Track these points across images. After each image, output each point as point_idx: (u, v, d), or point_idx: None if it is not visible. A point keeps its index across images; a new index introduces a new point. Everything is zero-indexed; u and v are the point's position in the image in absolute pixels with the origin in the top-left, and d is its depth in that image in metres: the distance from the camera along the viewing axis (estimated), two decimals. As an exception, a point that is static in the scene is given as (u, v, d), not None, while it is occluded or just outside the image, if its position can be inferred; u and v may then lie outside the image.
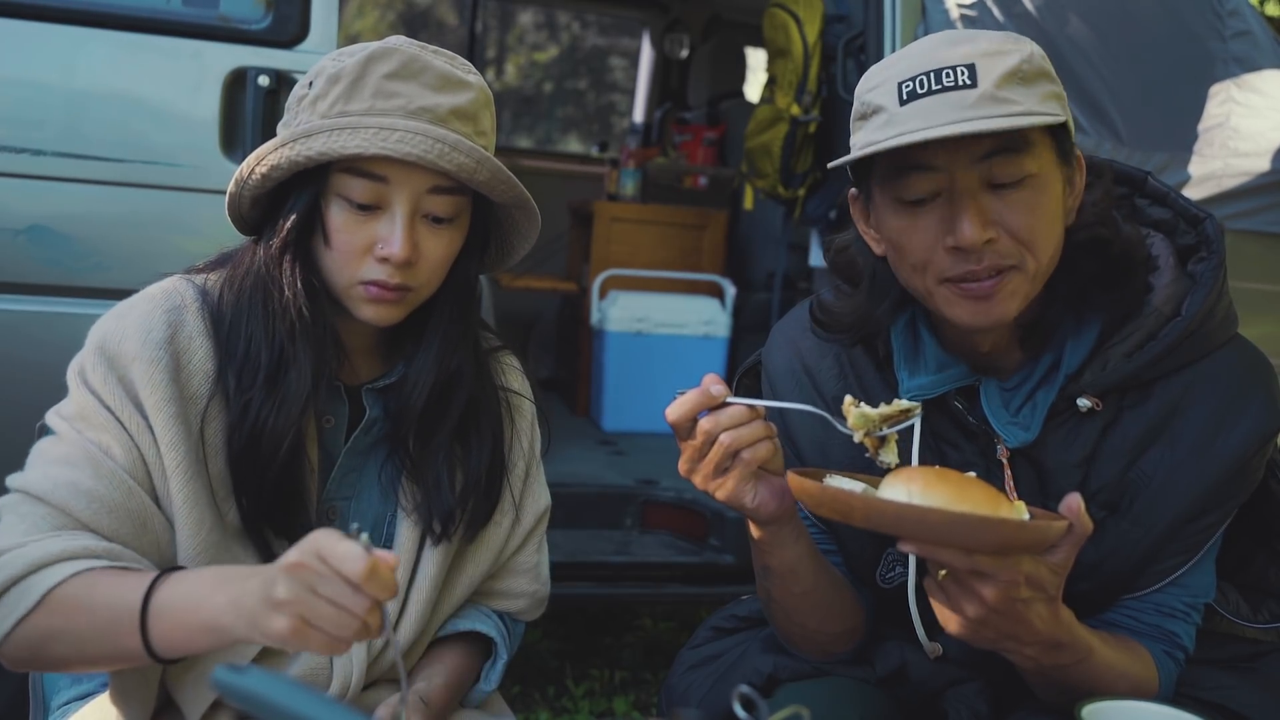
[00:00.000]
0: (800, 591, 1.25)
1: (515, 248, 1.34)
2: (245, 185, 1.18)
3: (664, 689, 1.47)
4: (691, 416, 1.08)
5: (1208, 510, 1.19)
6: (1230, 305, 1.22)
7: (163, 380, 1.14)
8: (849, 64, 2.93)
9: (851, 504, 0.96)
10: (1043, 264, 1.14)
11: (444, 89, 1.17)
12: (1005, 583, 1.00)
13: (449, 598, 1.33)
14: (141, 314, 1.17)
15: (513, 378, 1.41)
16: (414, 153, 1.12)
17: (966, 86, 1.07)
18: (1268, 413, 1.18)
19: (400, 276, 1.17)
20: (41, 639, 1.05)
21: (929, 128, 1.06)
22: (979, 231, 1.09)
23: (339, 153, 1.12)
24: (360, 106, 1.14)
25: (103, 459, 1.13)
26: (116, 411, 1.14)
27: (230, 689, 0.70)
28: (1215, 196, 2.88)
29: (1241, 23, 2.97)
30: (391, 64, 1.15)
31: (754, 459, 1.09)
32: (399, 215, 1.16)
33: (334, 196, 1.17)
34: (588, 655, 3.14)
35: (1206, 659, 1.26)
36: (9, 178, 2.00)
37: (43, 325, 2.01)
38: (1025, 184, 1.11)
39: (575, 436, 3.64)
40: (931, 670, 1.30)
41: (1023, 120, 1.06)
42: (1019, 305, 1.14)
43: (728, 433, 1.07)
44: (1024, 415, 1.21)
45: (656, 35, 5.14)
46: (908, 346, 1.27)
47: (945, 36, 1.14)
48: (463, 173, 1.15)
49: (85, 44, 2.04)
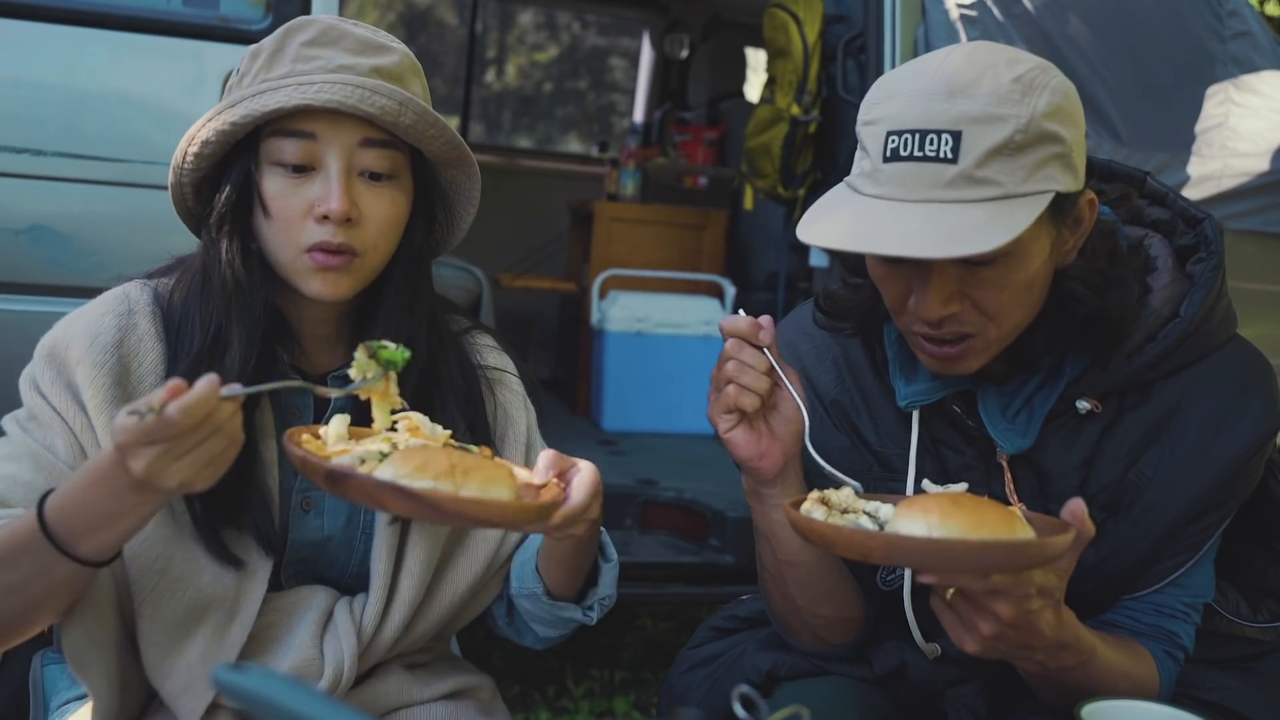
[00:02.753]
0: (786, 560, 1.24)
1: (462, 215, 1.34)
2: (182, 172, 1.19)
3: (664, 689, 1.47)
4: (732, 336, 1.15)
5: (1207, 511, 1.19)
6: (1229, 306, 1.22)
7: (105, 383, 1.16)
8: (849, 64, 2.93)
9: (870, 544, 0.94)
10: (1006, 330, 1.14)
11: (364, 52, 1.19)
12: (1019, 597, 1.00)
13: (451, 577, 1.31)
14: (91, 319, 1.19)
15: (489, 355, 1.40)
16: (334, 99, 1.12)
17: (947, 160, 1.03)
18: (1267, 413, 1.18)
19: (343, 235, 1.16)
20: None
21: (901, 200, 1.05)
22: (939, 308, 1.10)
23: (260, 111, 1.12)
24: (281, 71, 1.16)
25: (44, 454, 1.15)
26: (62, 412, 1.16)
27: (230, 688, 0.70)
28: (1214, 197, 2.89)
29: (1241, 23, 2.97)
30: (310, 32, 1.18)
31: (739, 397, 1.13)
32: (333, 170, 1.16)
33: (267, 166, 1.17)
34: (588, 655, 3.14)
35: (1206, 659, 1.26)
36: (9, 178, 2.00)
37: (43, 325, 2.00)
38: (998, 262, 1.07)
39: (575, 436, 3.64)
40: (931, 670, 1.30)
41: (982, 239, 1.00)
42: (982, 363, 1.16)
43: (735, 362, 1.14)
44: (1021, 421, 1.20)
45: (656, 35, 5.14)
46: (903, 354, 1.27)
47: (952, 73, 1.06)
48: (386, 116, 1.15)
49: (85, 44, 2.04)
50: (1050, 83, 1.07)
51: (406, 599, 1.27)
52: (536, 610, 1.32)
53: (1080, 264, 1.15)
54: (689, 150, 4.64)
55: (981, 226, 1.01)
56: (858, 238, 1.07)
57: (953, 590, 1.04)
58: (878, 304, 1.25)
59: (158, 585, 1.17)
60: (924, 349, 1.16)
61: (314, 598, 1.27)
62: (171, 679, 1.17)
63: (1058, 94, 1.07)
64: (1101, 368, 1.19)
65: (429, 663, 1.40)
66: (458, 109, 5.36)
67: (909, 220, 1.04)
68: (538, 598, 1.29)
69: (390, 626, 1.26)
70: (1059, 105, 1.07)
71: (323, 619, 1.25)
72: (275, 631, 1.23)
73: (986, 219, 1.02)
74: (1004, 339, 1.15)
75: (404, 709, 1.31)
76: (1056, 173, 1.06)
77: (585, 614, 1.32)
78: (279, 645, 1.23)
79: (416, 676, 1.34)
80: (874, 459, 1.31)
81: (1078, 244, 1.15)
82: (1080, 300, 1.15)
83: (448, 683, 1.36)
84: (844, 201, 1.11)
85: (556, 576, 1.27)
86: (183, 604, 1.17)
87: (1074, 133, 1.08)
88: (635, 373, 3.74)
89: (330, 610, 1.26)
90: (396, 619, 1.27)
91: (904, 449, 1.28)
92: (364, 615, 1.25)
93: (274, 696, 0.68)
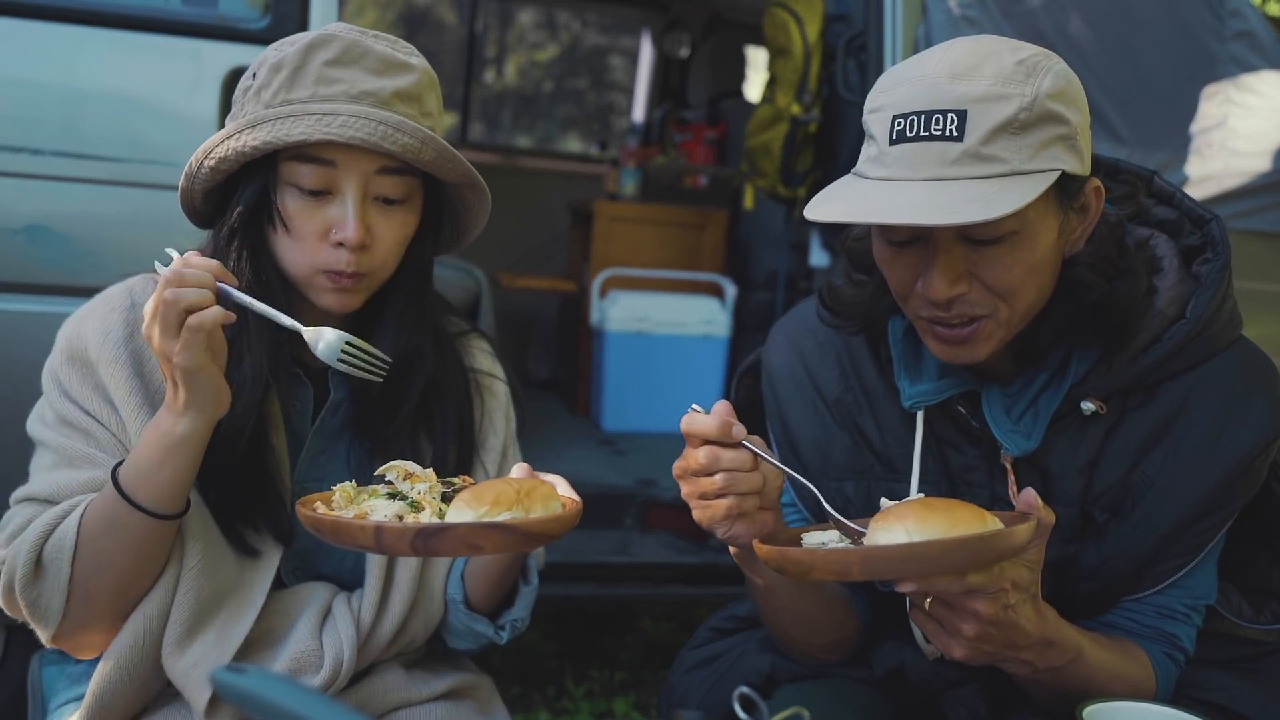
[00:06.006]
0: (780, 606, 1.25)
1: (468, 228, 1.36)
2: (195, 179, 1.21)
3: (664, 690, 1.47)
4: (703, 442, 1.05)
5: (1210, 512, 1.19)
6: (1235, 307, 1.21)
7: (125, 376, 1.20)
8: (849, 63, 2.92)
9: (848, 560, 0.93)
10: (1019, 311, 1.13)
11: (386, 72, 1.20)
12: (995, 593, 1.01)
13: (440, 569, 1.35)
14: (99, 317, 1.23)
15: (482, 360, 1.44)
16: (358, 136, 1.14)
17: (952, 139, 1.04)
18: (1271, 415, 1.18)
19: (356, 263, 1.19)
20: (88, 576, 1.14)
21: (907, 180, 1.05)
22: (946, 288, 1.09)
23: (284, 141, 1.14)
24: (303, 94, 1.16)
25: (84, 453, 1.20)
26: (96, 415, 1.21)
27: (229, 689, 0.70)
28: (1215, 197, 2.89)
29: (1242, 23, 2.96)
30: (332, 51, 1.18)
31: (737, 506, 1.06)
32: (350, 199, 1.18)
33: (285, 185, 1.19)
34: (588, 656, 3.14)
35: (1208, 660, 1.26)
36: (8, 177, 2.00)
37: (42, 325, 2.00)
38: (1004, 240, 1.08)
39: (575, 436, 3.63)
40: (930, 671, 1.30)
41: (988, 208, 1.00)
42: (992, 348, 1.14)
43: (724, 474, 1.05)
44: (1026, 422, 1.20)
45: (656, 34, 5.13)
46: (908, 353, 1.27)
47: (956, 59, 1.07)
48: (408, 153, 1.17)
49: (84, 43, 2.04)
50: (1054, 67, 1.08)
51: (404, 589, 1.30)
52: (453, 618, 1.35)
53: (1089, 251, 1.15)
54: (689, 149, 4.63)
55: (987, 197, 1.01)
56: (862, 211, 1.06)
57: (930, 599, 1.04)
58: (881, 299, 1.25)
59: (195, 567, 1.21)
60: (934, 334, 1.15)
61: (314, 594, 1.30)
62: (184, 660, 1.20)
63: (1061, 78, 1.07)
64: (1107, 367, 1.19)
65: (428, 661, 1.41)
66: (458, 108, 5.36)
67: (915, 194, 1.04)
68: (456, 605, 1.33)
69: (388, 619, 1.29)
70: (1062, 89, 1.07)
71: (322, 613, 1.28)
72: (278, 629, 1.27)
73: (992, 191, 1.02)
74: (1014, 322, 1.14)
75: (403, 709, 1.32)
76: (1062, 153, 1.06)
77: (496, 632, 1.35)
78: (281, 641, 1.25)
79: (414, 675, 1.35)
80: (876, 459, 1.30)
81: (1085, 232, 1.15)
82: (1089, 287, 1.14)
83: (446, 681, 1.37)
84: (849, 185, 1.11)
85: (479, 589, 1.32)
86: (209, 588, 1.21)
87: (1078, 118, 1.08)
88: (635, 373, 3.73)
89: (329, 605, 1.29)
90: (394, 611, 1.29)
91: (907, 449, 1.27)
92: (362, 608, 1.28)
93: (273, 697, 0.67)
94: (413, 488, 1.04)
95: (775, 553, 0.98)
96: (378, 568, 1.29)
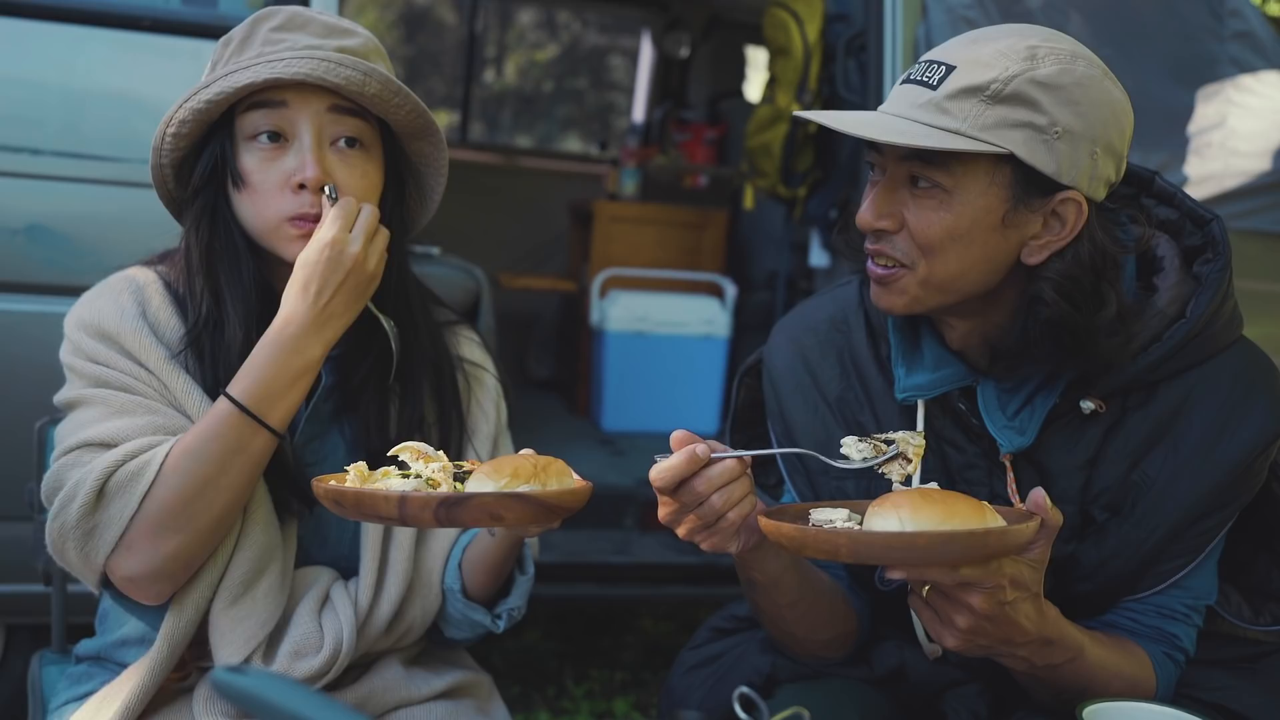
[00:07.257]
0: (786, 603, 1.25)
1: (430, 186, 1.39)
2: (161, 153, 1.25)
3: (664, 690, 1.47)
4: (680, 481, 1.03)
5: (1210, 512, 1.18)
6: (1235, 307, 1.21)
7: (151, 343, 1.23)
8: (849, 63, 2.92)
9: (837, 542, 0.95)
10: (937, 275, 1.13)
11: (329, 35, 1.26)
12: (991, 588, 1.01)
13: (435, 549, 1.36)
14: (108, 299, 1.26)
15: (470, 350, 1.47)
16: (302, 71, 1.18)
17: (929, 86, 1.10)
18: (1271, 416, 1.18)
19: (320, 204, 1.22)
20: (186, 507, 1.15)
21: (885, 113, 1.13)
22: (872, 217, 1.15)
23: (232, 87, 1.19)
24: (250, 55, 1.23)
25: (147, 402, 1.22)
26: (130, 374, 1.23)
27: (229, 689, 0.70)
28: (1214, 197, 2.88)
29: (1241, 23, 2.96)
30: (277, 19, 1.25)
31: (739, 518, 1.06)
32: (305, 139, 1.22)
33: (243, 142, 1.24)
34: (588, 656, 3.14)
35: (1208, 660, 1.26)
36: (8, 177, 2.00)
37: (42, 325, 2.01)
38: (934, 193, 1.11)
39: (575, 436, 3.64)
40: (930, 671, 1.30)
41: (922, 139, 1.06)
42: (907, 304, 1.17)
43: (719, 493, 1.03)
44: (1021, 419, 1.20)
45: (656, 34, 5.13)
46: (906, 342, 1.27)
47: (993, 31, 1.14)
48: (351, 85, 1.21)
49: (84, 43, 2.04)
50: (1069, 66, 1.09)
51: (399, 571, 1.31)
52: (450, 607, 1.36)
53: (1057, 268, 1.13)
54: (689, 149, 4.64)
55: (914, 135, 1.07)
56: (828, 120, 1.13)
57: (927, 587, 1.04)
58: None
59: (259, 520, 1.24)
60: (869, 271, 1.19)
61: (317, 578, 1.32)
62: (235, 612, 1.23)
63: (1068, 76, 1.08)
64: (1105, 367, 1.19)
65: (427, 659, 1.41)
66: (458, 108, 5.36)
67: (873, 119, 1.11)
68: (454, 594, 1.34)
69: (385, 601, 1.31)
70: (1063, 85, 1.07)
71: (321, 597, 1.30)
72: (284, 613, 1.28)
73: (925, 134, 1.08)
74: (933, 285, 1.14)
75: (402, 708, 1.32)
76: (1021, 139, 1.07)
77: (494, 621, 1.36)
78: (286, 623, 1.27)
79: (414, 674, 1.36)
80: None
81: (1054, 244, 1.13)
82: (1045, 303, 1.12)
83: (445, 680, 1.37)
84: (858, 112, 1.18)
85: (477, 578, 1.33)
86: (265, 540, 1.25)
87: (1072, 122, 1.08)
88: (635, 372, 3.73)
89: (328, 590, 1.31)
90: (390, 592, 1.31)
91: (906, 450, 1.27)
92: (359, 590, 1.30)
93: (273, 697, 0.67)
94: (426, 467, 1.05)
95: (773, 527, 1.00)
96: (372, 550, 1.31)
